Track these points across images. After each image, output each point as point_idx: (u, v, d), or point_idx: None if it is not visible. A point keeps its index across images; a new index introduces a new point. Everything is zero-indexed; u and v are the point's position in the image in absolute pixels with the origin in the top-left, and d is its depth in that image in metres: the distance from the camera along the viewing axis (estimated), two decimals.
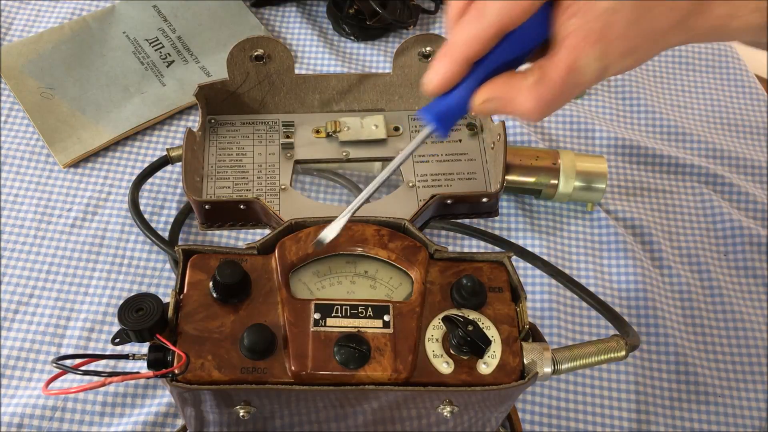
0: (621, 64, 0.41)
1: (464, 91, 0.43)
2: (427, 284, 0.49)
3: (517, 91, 0.42)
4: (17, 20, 0.95)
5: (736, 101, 0.94)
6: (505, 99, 0.42)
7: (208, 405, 0.47)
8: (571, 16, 0.40)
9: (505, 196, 0.83)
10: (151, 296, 0.45)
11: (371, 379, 0.45)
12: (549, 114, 0.43)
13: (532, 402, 0.71)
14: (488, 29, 0.41)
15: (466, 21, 0.41)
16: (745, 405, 0.71)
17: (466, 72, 0.43)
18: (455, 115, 0.44)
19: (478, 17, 0.41)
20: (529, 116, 0.42)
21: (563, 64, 0.40)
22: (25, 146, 0.84)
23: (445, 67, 0.42)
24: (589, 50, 0.40)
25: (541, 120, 0.44)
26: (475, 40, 0.41)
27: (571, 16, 0.40)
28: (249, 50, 0.59)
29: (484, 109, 0.43)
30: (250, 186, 0.58)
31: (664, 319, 0.75)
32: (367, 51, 0.95)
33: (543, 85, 0.41)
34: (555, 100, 0.42)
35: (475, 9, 0.41)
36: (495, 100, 0.43)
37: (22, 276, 0.76)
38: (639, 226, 0.82)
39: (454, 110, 0.44)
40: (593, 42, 0.40)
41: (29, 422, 0.67)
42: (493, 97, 0.43)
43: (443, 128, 0.44)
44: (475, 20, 0.41)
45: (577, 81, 0.41)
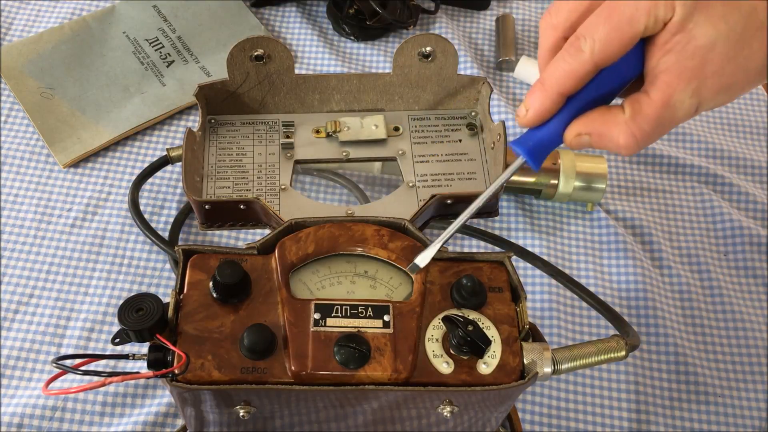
0: (715, 100, 0.42)
1: (557, 125, 0.44)
2: (427, 284, 0.49)
3: (612, 126, 0.42)
4: (17, 20, 0.95)
5: (736, 101, 0.94)
6: (599, 134, 0.43)
7: (208, 405, 0.47)
8: (667, 52, 0.40)
9: (505, 196, 0.83)
10: (151, 296, 0.45)
11: (371, 379, 0.45)
12: (642, 149, 0.43)
13: (532, 402, 0.71)
14: (584, 66, 0.41)
15: (561, 56, 0.42)
16: (745, 405, 0.71)
17: (559, 106, 0.43)
18: (548, 148, 0.45)
19: (574, 54, 0.41)
20: (623, 151, 0.43)
21: (658, 101, 0.41)
22: (25, 146, 0.84)
23: (539, 101, 0.43)
24: (684, 87, 0.40)
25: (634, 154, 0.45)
26: (571, 75, 0.42)
27: (667, 52, 0.40)
28: (249, 50, 0.59)
29: (578, 144, 0.44)
30: (250, 186, 0.58)
31: (664, 319, 0.75)
32: (367, 51, 0.95)
33: (638, 121, 0.41)
34: (649, 136, 0.42)
35: (571, 45, 0.41)
36: (589, 135, 0.43)
37: (22, 276, 0.76)
38: (639, 226, 0.82)
39: (547, 143, 0.44)
40: (688, 79, 0.40)
41: (29, 422, 0.67)
42: (587, 132, 0.43)
43: (535, 161, 0.45)
44: (570, 57, 0.41)
45: (671, 117, 0.41)
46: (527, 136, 0.45)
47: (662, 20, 0.40)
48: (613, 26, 0.40)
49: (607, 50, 0.40)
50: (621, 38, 0.40)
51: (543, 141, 0.44)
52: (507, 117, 0.88)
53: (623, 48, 0.40)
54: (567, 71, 0.42)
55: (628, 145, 0.42)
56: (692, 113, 0.42)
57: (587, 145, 0.44)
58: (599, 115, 0.43)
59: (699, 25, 0.40)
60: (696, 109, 0.41)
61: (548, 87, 0.43)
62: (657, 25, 0.40)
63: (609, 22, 0.40)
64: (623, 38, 0.40)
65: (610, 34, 0.40)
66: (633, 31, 0.40)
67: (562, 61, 0.42)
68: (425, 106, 0.63)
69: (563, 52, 0.42)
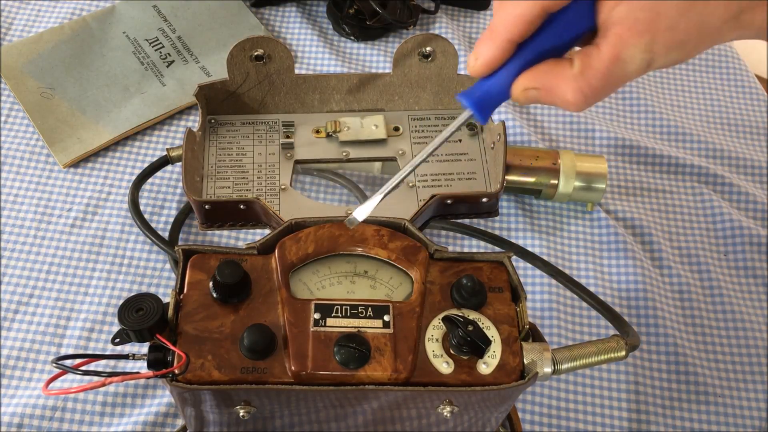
0: (668, 57, 0.40)
1: (506, 76, 0.42)
2: (427, 284, 0.49)
3: (560, 80, 0.41)
4: (17, 20, 0.95)
5: (736, 101, 0.94)
6: (546, 88, 0.41)
7: (208, 405, 0.47)
8: (618, 3, 0.39)
9: (505, 196, 0.83)
10: (151, 296, 0.45)
11: (371, 379, 0.45)
12: (591, 105, 0.41)
13: (532, 402, 0.71)
14: (533, 9, 0.39)
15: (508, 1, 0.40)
16: (745, 405, 0.71)
17: (509, 54, 0.41)
18: (496, 101, 0.43)
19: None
20: (571, 107, 0.41)
21: (608, 55, 0.39)
22: (25, 146, 0.84)
23: (487, 49, 0.41)
24: (635, 41, 0.39)
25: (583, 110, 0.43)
26: (519, 19, 0.40)
27: (618, 3, 0.39)
28: (249, 50, 0.59)
29: (525, 98, 0.42)
30: (250, 186, 0.58)
31: (663, 319, 0.75)
32: (367, 51, 0.95)
33: (586, 76, 0.40)
34: (598, 92, 0.40)
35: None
36: (536, 90, 0.41)
37: (22, 276, 0.76)
38: (639, 226, 0.82)
39: (495, 95, 0.42)
40: (640, 33, 0.38)
41: (29, 422, 0.67)
42: (534, 86, 0.41)
43: (482, 114, 0.43)
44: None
45: (621, 72, 0.40)
46: (475, 86, 0.43)
47: None
48: None
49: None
50: None
51: (491, 92, 0.42)
52: (507, 117, 0.88)
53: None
54: (515, 15, 0.40)
55: (576, 101, 0.41)
56: (644, 69, 0.40)
57: (535, 101, 0.42)
58: (548, 69, 0.41)
59: None
60: (648, 65, 0.40)
61: (497, 33, 0.41)
62: None
63: None
64: None
65: None
66: None
67: (510, 5, 0.40)
68: (425, 106, 0.63)
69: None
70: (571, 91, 0.40)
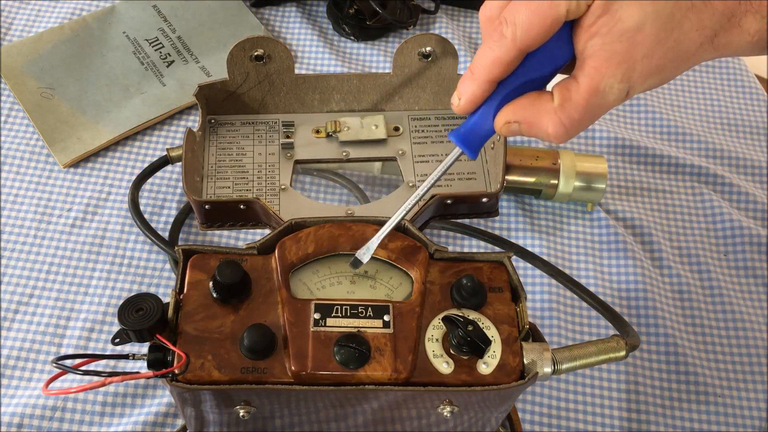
0: (646, 84, 0.40)
1: (487, 112, 0.43)
2: (427, 284, 0.49)
3: (541, 114, 0.41)
4: (17, 20, 0.95)
5: (736, 101, 0.94)
6: (527, 122, 0.42)
7: (208, 405, 0.47)
8: (593, 35, 0.39)
9: (505, 196, 0.83)
10: (151, 296, 0.45)
11: (371, 379, 0.45)
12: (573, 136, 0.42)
13: (532, 402, 0.71)
14: (509, 52, 0.40)
15: (486, 43, 0.41)
16: (745, 405, 0.71)
17: (489, 92, 0.42)
18: (482, 136, 0.44)
19: (498, 39, 0.40)
20: (553, 139, 0.42)
21: (586, 88, 0.40)
22: (25, 146, 0.84)
23: (469, 88, 0.42)
24: (612, 72, 0.39)
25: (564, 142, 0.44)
26: (497, 62, 0.41)
27: (593, 35, 0.39)
28: (249, 50, 0.59)
29: (508, 131, 0.43)
30: (250, 186, 0.58)
31: (664, 319, 0.75)
32: (367, 51, 0.95)
33: (566, 109, 0.40)
34: (579, 124, 0.41)
35: (495, 31, 0.41)
36: (518, 123, 0.42)
37: (22, 276, 0.76)
38: (639, 226, 0.82)
39: (480, 130, 0.44)
40: (617, 63, 0.39)
41: (29, 422, 0.67)
42: (515, 119, 0.42)
43: (470, 149, 0.44)
44: (494, 43, 0.40)
45: (600, 103, 0.40)
46: (462, 124, 0.44)
47: (585, 3, 0.39)
48: (533, 10, 0.39)
49: (530, 35, 0.39)
50: (542, 22, 0.39)
51: (476, 128, 0.44)
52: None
53: (546, 32, 0.39)
54: (492, 58, 0.41)
55: (557, 133, 0.41)
56: (623, 98, 0.40)
57: (517, 133, 0.43)
58: (528, 103, 0.42)
59: (624, 7, 0.38)
60: (627, 93, 0.40)
61: (476, 74, 0.42)
62: (580, 8, 0.39)
63: (529, 7, 0.39)
64: (545, 22, 0.39)
65: (531, 18, 0.39)
66: (554, 15, 0.39)
67: (487, 48, 0.41)
68: (425, 106, 0.63)
69: (487, 38, 0.41)
70: (552, 124, 0.41)
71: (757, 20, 0.40)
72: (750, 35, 0.41)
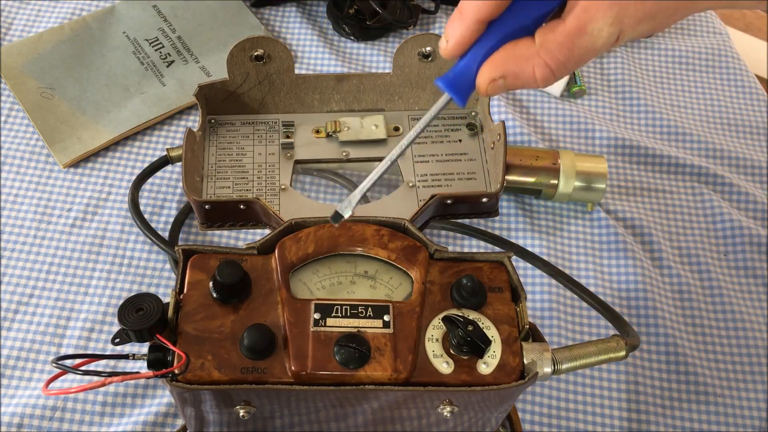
0: (637, 29, 0.39)
1: (475, 56, 0.41)
2: (427, 284, 0.49)
3: (524, 61, 0.40)
4: (17, 20, 0.95)
5: (736, 101, 0.94)
6: (512, 74, 0.40)
7: (208, 405, 0.47)
8: None
9: (505, 196, 0.83)
10: (151, 296, 0.45)
11: (371, 379, 0.45)
12: (559, 78, 0.40)
13: (532, 402, 0.71)
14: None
15: None
16: (745, 405, 0.71)
17: (478, 34, 0.40)
18: (471, 81, 0.42)
19: None
20: (540, 84, 0.40)
21: (572, 27, 0.38)
22: (25, 146, 0.84)
23: (456, 29, 0.40)
24: (602, 14, 0.38)
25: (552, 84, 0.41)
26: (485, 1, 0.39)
27: None
28: (249, 50, 0.59)
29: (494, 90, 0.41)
30: (250, 186, 0.58)
31: (664, 319, 0.75)
32: (367, 51, 0.95)
33: (550, 49, 0.39)
34: (564, 65, 0.39)
35: None
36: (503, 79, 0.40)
37: (22, 276, 0.76)
38: (639, 226, 0.82)
39: (469, 76, 0.41)
40: (607, 6, 0.37)
41: (29, 422, 0.67)
42: (499, 75, 0.40)
43: (458, 94, 0.42)
44: None
45: (588, 45, 0.39)
46: (451, 69, 0.42)
47: None
48: None
49: None
50: None
51: (465, 73, 0.41)
52: (507, 117, 0.88)
53: None
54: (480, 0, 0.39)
55: (544, 76, 0.40)
56: (612, 42, 0.39)
57: (504, 89, 0.41)
58: (508, 53, 0.40)
59: None
60: (617, 38, 0.39)
61: (465, 14, 0.40)
62: None
63: None
64: None
65: None
66: None
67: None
68: (425, 106, 0.63)
69: None
70: (537, 67, 0.39)
71: None
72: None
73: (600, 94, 0.92)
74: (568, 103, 0.91)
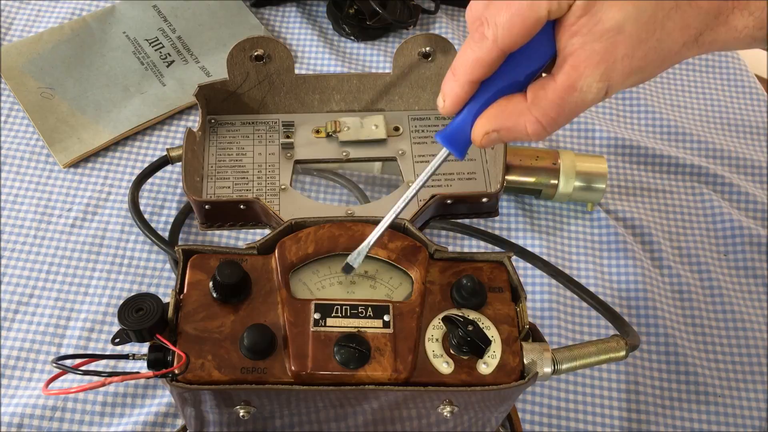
0: (626, 83, 0.40)
1: (470, 112, 0.43)
2: (427, 284, 0.49)
3: (517, 117, 0.41)
4: (17, 20, 0.95)
5: (736, 101, 0.94)
6: (507, 129, 0.42)
7: (208, 405, 0.47)
8: (573, 34, 0.39)
9: (505, 196, 0.83)
10: (151, 296, 0.45)
11: (371, 379, 0.45)
12: (551, 133, 0.42)
13: (532, 402, 0.71)
14: (490, 52, 0.40)
15: (468, 44, 0.41)
16: (745, 405, 0.71)
17: (471, 92, 0.42)
18: (467, 136, 0.44)
19: (479, 40, 0.40)
20: (533, 138, 0.42)
21: (562, 85, 0.39)
22: (25, 146, 0.84)
23: (451, 89, 0.42)
24: (591, 72, 0.39)
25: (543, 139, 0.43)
26: (478, 63, 0.41)
27: (573, 34, 0.39)
28: (249, 50, 0.59)
29: (489, 143, 0.43)
30: (250, 186, 0.58)
31: (664, 319, 0.75)
32: (367, 51, 0.95)
33: (541, 106, 0.40)
34: (555, 121, 0.41)
35: (476, 31, 0.40)
36: (497, 132, 0.42)
37: (22, 276, 0.76)
38: (639, 226, 0.82)
39: (465, 131, 0.44)
40: (595, 64, 0.39)
41: (29, 422, 0.67)
42: (494, 129, 0.42)
43: (456, 149, 0.44)
44: (475, 44, 0.40)
45: (578, 101, 0.40)
46: (449, 125, 0.44)
47: (567, 3, 0.38)
48: (514, 11, 0.39)
49: (511, 35, 0.39)
50: (523, 23, 0.39)
51: (461, 128, 0.44)
52: None
53: (527, 32, 0.39)
54: (474, 59, 0.40)
55: (536, 131, 0.41)
56: (601, 97, 0.40)
57: (498, 141, 0.43)
58: (501, 109, 0.42)
59: (605, 8, 0.38)
60: (606, 92, 0.40)
61: (458, 75, 0.42)
62: (561, 8, 0.39)
63: (510, 8, 0.39)
64: (526, 23, 0.39)
65: (512, 19, 0.39)
66: (535, 16, 0.38)
67: (468, 49, 0.41)
68: (425, 106, 0.63)
69: (469, 39, 0.41)
70: (529, 123, 0.41)
71: (745, 16, 0.40)
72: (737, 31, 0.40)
73: None
74: None
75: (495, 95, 0.42)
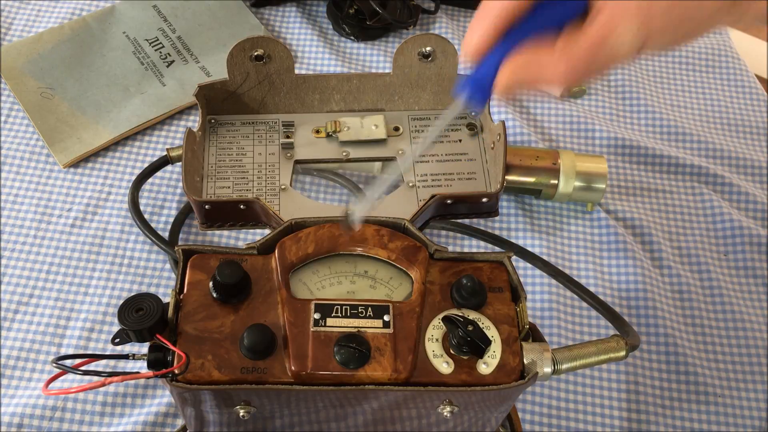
0: (661, 40, 0.39)
1: (493, 62, 0.41)
2: (427, 284, 0.49)
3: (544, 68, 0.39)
4: (17, 20, 0.95)
5: (735, 101, 0.94)
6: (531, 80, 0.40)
7: (208, 405, 0.47)
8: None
9: (505, 196, 0.83)
10: (151, 296, 0.45)
11: (371, 379, 0.45)
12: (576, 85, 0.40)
13: (532, 402, 0.71)
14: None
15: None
16: (745, 405, 0.71)
17: (498, 38, 0.40)
18: (488, 87, 0.41)
19: None
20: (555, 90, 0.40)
21: (595, 35, 0.38)
22: (25, 146, 0.84)
23: (478, 35, 0.40)
24: (627, 24, 0.37)
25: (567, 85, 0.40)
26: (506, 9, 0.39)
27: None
28: (249, 50, 0.59)
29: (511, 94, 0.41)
30: (250, 186, 0.58)
31: (664, 319, 0.75)
32: (367, 51, 0.95)
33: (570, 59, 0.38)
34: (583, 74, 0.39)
35: None
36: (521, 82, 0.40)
37: (22, 276, 0.76)
38: (639, 226, 0.82)
39: (487, 79, 0.41)
40: (631, 16, 0.37)
41: (29, 422, 0.67)
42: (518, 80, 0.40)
43: (476, 99, 0.42)
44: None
45: (609, 55, 0.38)
46: (470, 73, 0.42)
47: None
48: None
49: None
50: None
51: (483, 77, 0.41)
52: (507, 117, 0.88)
53: None
54: (502, 5, 0.39)
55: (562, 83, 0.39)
56: (635, 52, 0.39)
57: (521, 93, 0.41)
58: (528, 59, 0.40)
59: None
60: (640, 46, 0.38)
61: (485, 20, 0.40)
62: None
63: None
64: None
65: None
66: None
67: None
68: (425, 106, 0.63)
69: None
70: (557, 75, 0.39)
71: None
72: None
73: (600, 94, 0.92)
74: (568, 103, 0.91)
75: (521, 45, 0.40)
